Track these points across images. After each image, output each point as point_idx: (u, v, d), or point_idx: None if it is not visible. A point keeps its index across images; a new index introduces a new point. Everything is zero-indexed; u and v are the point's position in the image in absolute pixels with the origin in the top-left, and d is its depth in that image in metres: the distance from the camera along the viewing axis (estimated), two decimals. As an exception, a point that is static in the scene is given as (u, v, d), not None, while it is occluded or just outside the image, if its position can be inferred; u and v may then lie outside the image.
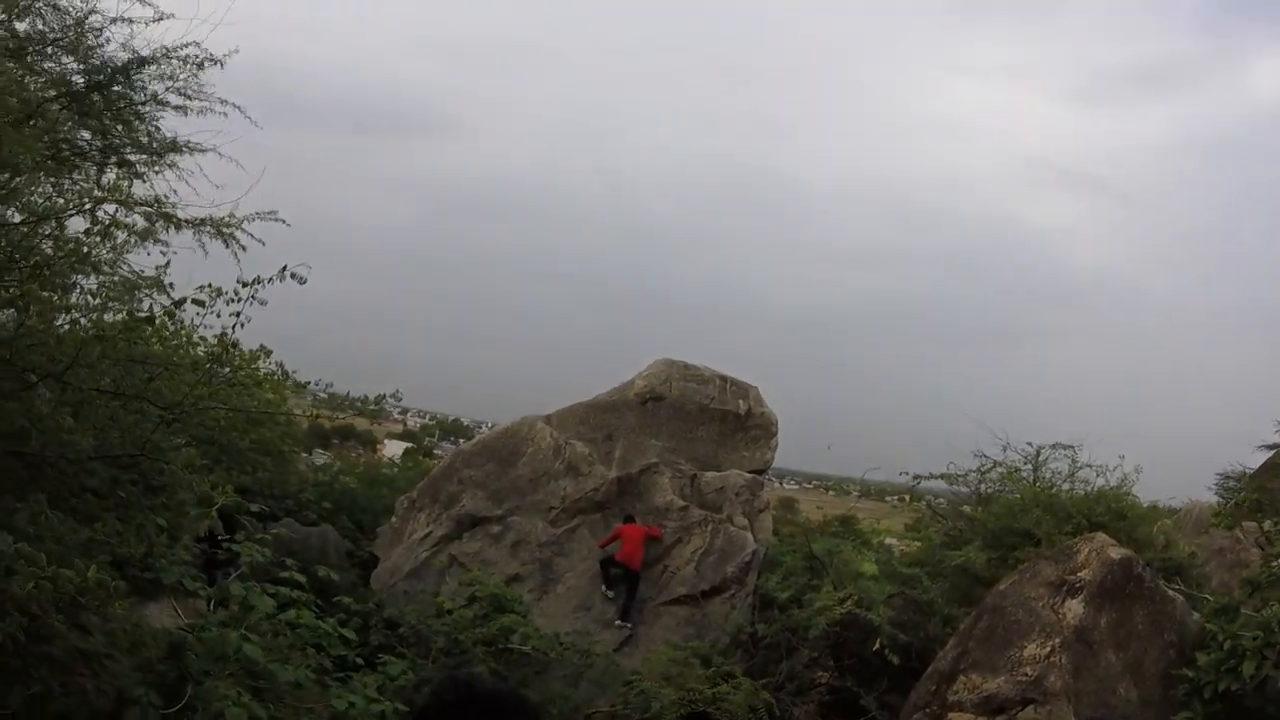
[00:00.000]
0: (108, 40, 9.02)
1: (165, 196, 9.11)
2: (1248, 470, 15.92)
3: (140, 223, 8.32)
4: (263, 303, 7.35)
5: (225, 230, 8.87)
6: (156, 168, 9.52)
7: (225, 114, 9.60)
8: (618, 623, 14.30)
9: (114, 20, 8.91)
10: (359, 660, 9.81)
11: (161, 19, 8.85)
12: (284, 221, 9.08)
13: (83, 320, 7.72)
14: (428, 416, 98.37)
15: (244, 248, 9.10)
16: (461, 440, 50.98)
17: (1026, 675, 9.10)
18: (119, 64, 9.05)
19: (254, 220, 8.90)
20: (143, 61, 9.05)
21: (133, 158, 9.42)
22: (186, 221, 8.69)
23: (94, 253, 7.30)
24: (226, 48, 9.16)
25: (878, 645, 11.63)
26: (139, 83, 9.22)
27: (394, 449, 48.80)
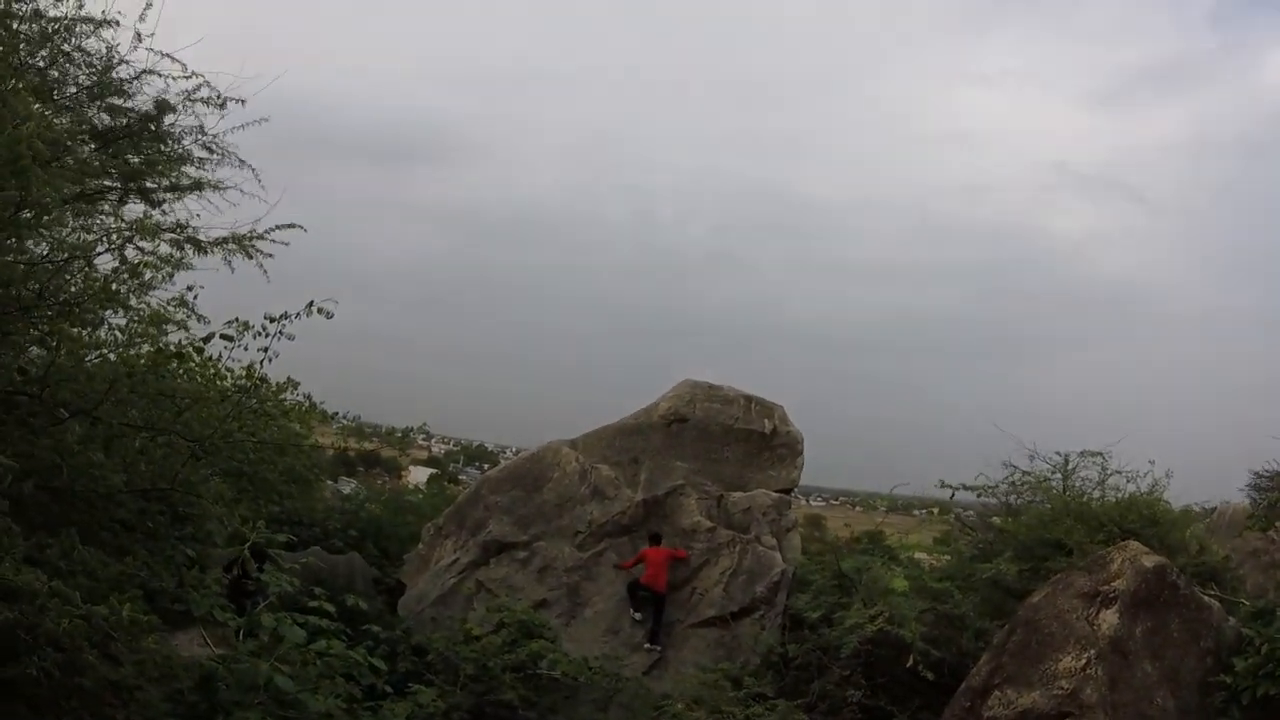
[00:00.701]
0: (136, 91, 9.26)
1: (187, 221, 9.30)
2: (1281, 469, 15.76)
3: (165, 249, 8.47)
4: (290, 337, 7.49)
5: (248, 245, 9.02)
6: (179, 197, 9.72)
7: (244, 166, 9.84)
8: (646, 646, 14.25)
9: (144, 73, 9.13)
10: (388, 689, 9.81)
11: (191, 76, 9.10)
12: (303, 228, 9.23)
13: (111, 356, 7.84)
14: (452, 442, 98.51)
15: (270, 255, 9.24)
16: (486, 466, 51.16)
17: (1062, 689, 8.98)
18: (147, 113, 9.26)
19: (274, 231, 9.06)
20: (165, 107, 9.25)
21: (153, 186, 9.62)
22: (211, 243, 8.84)
23: (122, 290, 7.42)
24: (250, 92, 9.38)
25: (910, 662, 11.51)
26: (168, 131, 9.43)
27: (419, 475, 48.99)
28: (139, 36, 8.77)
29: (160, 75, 9.12)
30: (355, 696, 8.39)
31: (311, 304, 7.42)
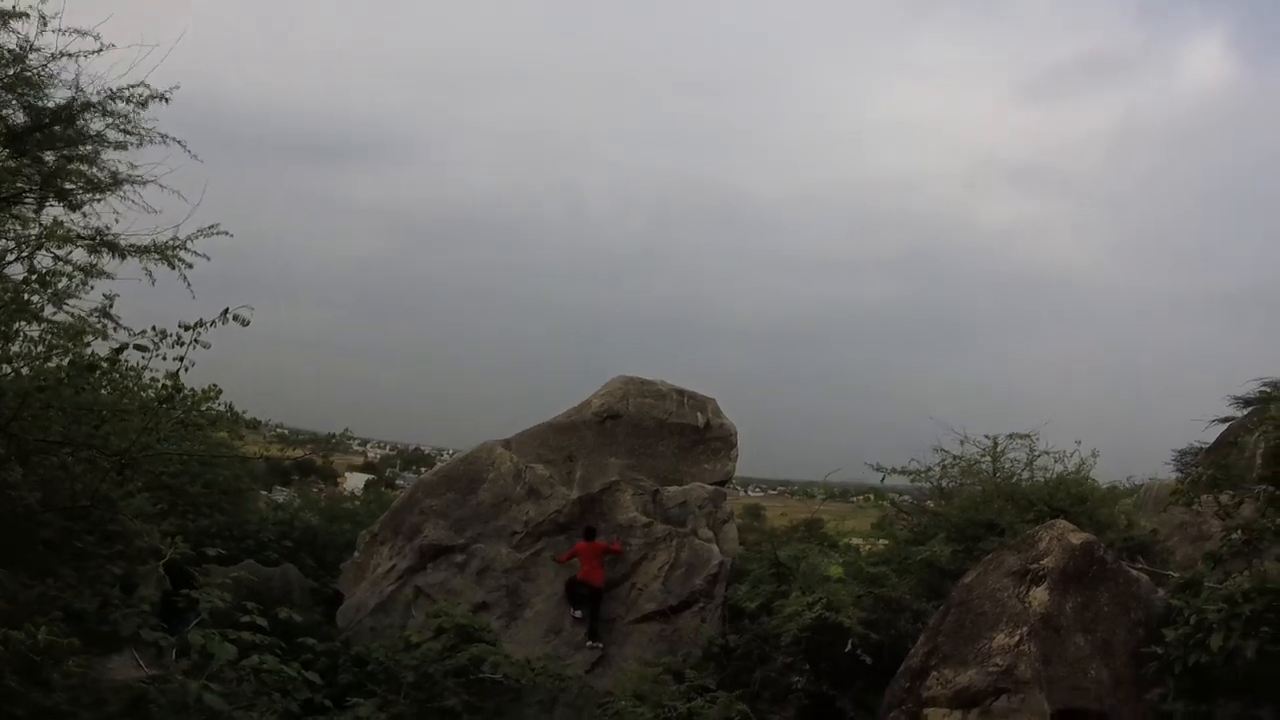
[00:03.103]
0: (52, 76, 8.93)
1: (107, 227, 8.99)
2: (1204, 445, 16.25)
3: (83, 256, 8.18)
4: (205, 345, 7.28)
5: (170, 253, 8.74)
6: (98, 198, 9.40)
7: (166, 143, 9.51)
8: (588, 644, 14.21)
9: (55, 56, 8.80)
10: (327, 702, 9.62)
11: (102, 50, 8.75)
12: (227, 233, 8.97)
13: (25, 370, 7.57)
14: (388, 447, 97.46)
15: (190, 265, 8.96)
16: (423, 470, 50.61)
17: (997, 665, 9.17)
18: (61, 104, 8.93)
19: (197, 238, 8.79)
20: (86, 105, 8.94)
21: (72, 187, 9.28)
22: (130, 249, 8.55)
23: (34, 301, 7.16)
24: (171, 78, 9.08)
25: (850, 646, 11.64)
26: (82, 123, 9.10)
27: (355, 482, 48.31)
28: (44, 20, 8.47)
29: (71, 55, 8.79)
30: (292, 712, 8.23)
31: (226, 311, 7.23)
